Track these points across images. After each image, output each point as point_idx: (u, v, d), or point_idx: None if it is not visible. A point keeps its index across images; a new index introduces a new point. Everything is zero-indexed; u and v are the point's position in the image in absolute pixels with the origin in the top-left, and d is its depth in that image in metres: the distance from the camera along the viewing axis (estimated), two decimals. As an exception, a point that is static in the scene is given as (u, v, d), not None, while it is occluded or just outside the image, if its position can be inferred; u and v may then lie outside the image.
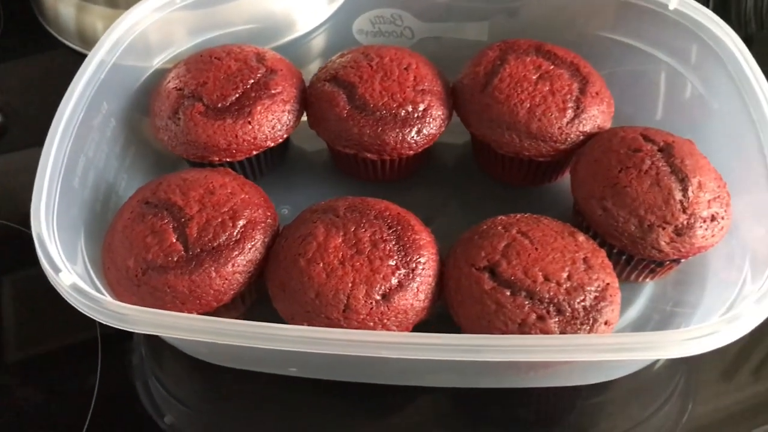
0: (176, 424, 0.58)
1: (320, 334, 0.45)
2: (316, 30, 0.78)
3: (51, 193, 0.53)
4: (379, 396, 0.58)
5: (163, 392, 0.59)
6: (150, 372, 0.60)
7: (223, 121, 0.61)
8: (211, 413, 0.59)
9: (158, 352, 0.61)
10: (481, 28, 0.70)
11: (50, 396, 0.58)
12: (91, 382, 0.58)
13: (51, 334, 0.62)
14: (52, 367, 0.60)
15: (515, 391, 0.57)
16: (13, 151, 0.79)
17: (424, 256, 0.53)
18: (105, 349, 0.60)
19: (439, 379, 0.57)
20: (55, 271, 0.48)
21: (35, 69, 0.87)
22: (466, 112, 0.63)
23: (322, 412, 0.58)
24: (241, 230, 0.54)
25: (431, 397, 0.58)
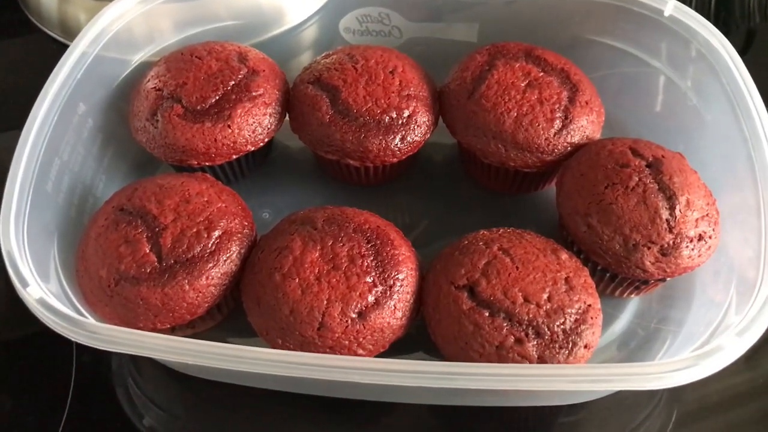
0: (155, 426, 0.57)
1: (289, 358, 0.44)
2: (302, 25, 0.76)
3: (22, 201, 0.52)
4: (356, 408, 0.57)
5: (141, 395, 0.59)
6: (128, 375, 0.60)
7: (201, 125, 0.59)
8: (188, 418, 0.59)
9: (136, 356, 0.61)
10: (471, 29, 0.68)
11: (21, 400, 0.58)
12: (65, 383, 0.57)
13: (21, 333, 0.61)
14: (24, 370, 0.59)
15: (495, 408, 0.57)
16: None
17: (402, 272, 0.52)
18: (79, 352, 0.59)
19: (416, 396, 0.56)
20: (22, 285, 0.47)
21: (15, 55, 0.85)
22: (452, 118, 0.62)
23: (299, 422, 0.58)
24: (216, 241, 0.53)
25: (409, 411, 0.58)
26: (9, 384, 0.59)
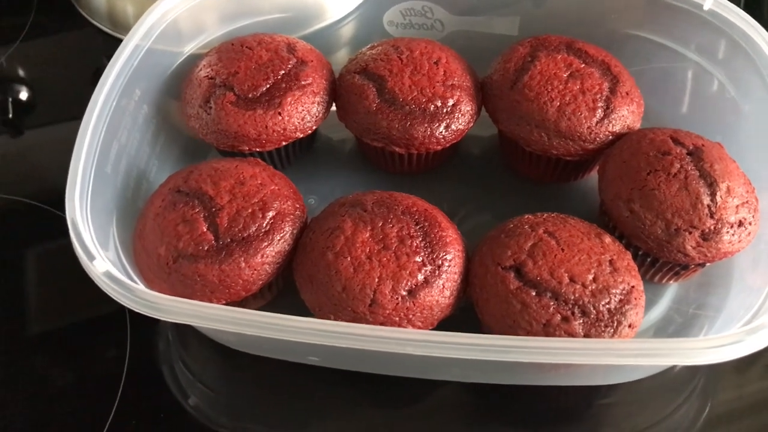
0: (200, 405, 0.59)
1: (347, 329, 0.46)
2: (344, 19, 0.78)
3: (85, 179, 0.54)
4: (396, 386, 0.59)
5: (188, 375, 0.61)
6: (176, 355, 0.62)
7: (253, 112, 0.61)
8: (234, 396, 0.60)
9: (184, 335, 0.63)
10: (512, 22, 0.70)
11: (80, 375, 0.60)
12: (120, 362, 0.60)
13: (79, 312, 0.64)
14: (82, 346, 0.61)
15: (534, 386, 0.58)
16: (40, 127, 0.80)
17: (450, 253, 0.54)
18: (134, 328, 0.61)
19: (459, 374, 0.58)
20: (89, 259, 0.49)
21: (65, 47, 0.88)
22: (495, 108, 0.63)
23: (341, 400, 0.59)
24: (270, 221, 0.55)
25: (448, 390, 0.59)
26: (68, 359, 0.61)
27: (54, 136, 0.79)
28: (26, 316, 0.63)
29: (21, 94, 0.83)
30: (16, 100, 0.82)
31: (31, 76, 0.84)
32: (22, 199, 0.71)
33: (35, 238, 0.69)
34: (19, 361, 0.61)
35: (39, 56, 0.86)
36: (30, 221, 0.70)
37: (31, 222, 0.70)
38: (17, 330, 0.62)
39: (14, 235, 0.69)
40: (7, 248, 0.68)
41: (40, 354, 0.61)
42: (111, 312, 0.62)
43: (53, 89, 0.83)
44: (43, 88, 0.83)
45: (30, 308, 0.64)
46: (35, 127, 0.80)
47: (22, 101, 0.82)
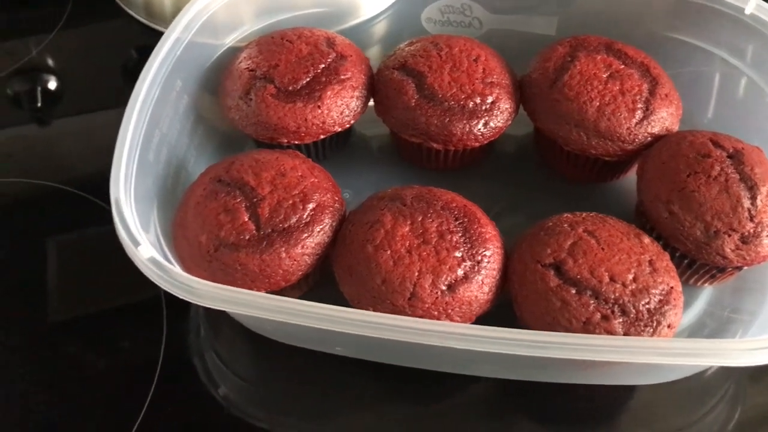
0: (230, 395, 0.60)
1: (391, 321, 0.46)
2: (378, 17, 0.79)
3: (129, 166, 0.54)
4: (428, 381, 0.59)
5: (220, 364, 0.61)
6: (208, 344, 0.62)
7: (293, 104, 0.62)
8: (264, 387, 0.61)
9: (217, 324, 0.63)
10: (550, 22, 0.70)
11: (114, 362, 0.60)
12: (156, 349, 0.60)
13: (113, 299, 0.64)
14: (116, 333, 0.62)
15: (567, 385, 0.58)
16: (67, 117, 0.80)
17: (489, 250, 0.54)
18: (169, 316, 0.62)
19: (492, 370, 0.58)
20: (134, 244, 0.50)
21: (97, 37, 0.89)
22: (534, 106, 0.64)
23: (373, 393, 0.60)
24: (310, 213, 0.56)
25: (480, 386, 0.59)
26: (103, 346, 0.61)
27: (80, 126, 0.80)
28: (58, 302, 0.64)
29: (50, 84, 0.84)
30: (45, 90, 0.83)
31: (62, 66, 0.85)
32: (52, 184, 0.71)
33: (69, 223, 0.69)
34: (53, 347, 0.61)
35: (72, 46, 0.87)
36: (60, 206, 0.71)
37: (62, 207, 0.71)
38: (50, 315, 0.63)
39: (48, 220, 0.70)
40: (43, 233, 0.69)
41: (74, 340, 0.62)
42: (145, 299, 0.63)
43: (82, 79, 0.84)
44: (72, 78, 0.84)
45: (63, 294, 0.64)
46: (61, 117, 0.80)
47: (50, 91, 0.83)
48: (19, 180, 0.73)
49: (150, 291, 0.63)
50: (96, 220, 0.69)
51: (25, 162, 0.75)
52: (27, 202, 0.72)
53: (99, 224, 0.68)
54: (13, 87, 0.82)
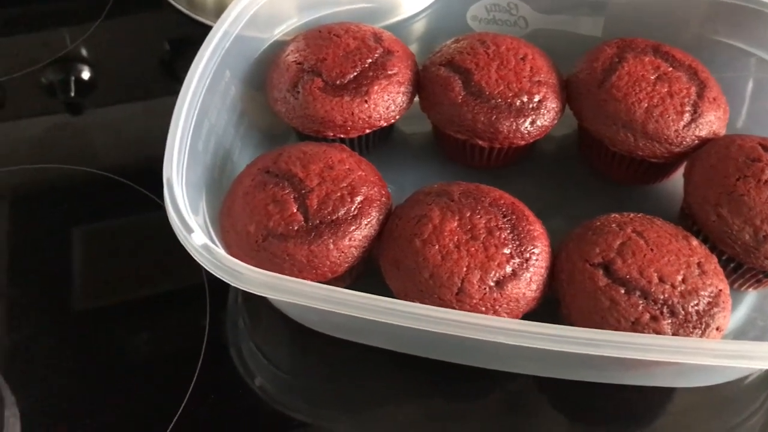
0: (268, 386, 0.60)
1: (446, 315, 0.46)
2: (421, 13, 0.79)
3: (181, 155, 0.55)
4: (468, 376, 0.59)
5: (259, 355, 0.62)
6: (249, 333, 0.63)
7: (341, 98, 0.62)
8: (302, 378, 0.61)
9: (256, 315, 0.64)
10: (596, 23, 0.70)
11: (159, 348, 0.61)
12: (200, 336, 0.61)
13: (157, 285, 0.65)
14: (161, 320, 0.63)
15: (607, 385, 0.58)
16: (100, 107, 0.81)
17: (537, 247, 0.54)
18: (213, 305, 0.62)
19: (534, 367, 0.58)
20: (187, 231, 0.50)
21: (134, 26, 0.89)
22: (581, 106, 0.64)
23: (411, 388, 0.60)
24: (358, 206, 0.56)
25: (516, 383, 0.60)
26: (147, 332, 0.62)
27: (113, 116, 0.80)
28: (97, 288, 0.65)
29: (83, 74, 0.85)
30: (79, 80, 0.84)
31: (98, 56, 0.85)
32: (97, 171, 0.72)
33: (108, 209, 0.70)
34: (97, 332, 0.62)
35: (106, 35, 0.87)
36: (100, 193, 0.72)
37: (103, 194, 0.72)
38: (90, 302, 0.64)
39: (86, 206, 0.71)
40: (82, 219, 0.70)
41: (119, 326, 0.62)
42: (189, 287, 0.64)
43: (116, 69, 0.84)
44: (105, 68, 0.84)
45: (102, 281, 0.65)
46: (95, 108, 0.81)
47: (90, 80, 0.84)
48: (61, 166, 0.74)
49: (192, 279, 0.64)
50: (134, 206, 0.70)
51: (62, 148, 0.76)
52: (67, 188, 0.73)
53: (138, 210, 0.70)
54: (50, 77, 0.83)
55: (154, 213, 0.68)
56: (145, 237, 0.68)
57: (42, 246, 0.67)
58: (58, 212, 0.70)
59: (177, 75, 0.85)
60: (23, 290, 0.64)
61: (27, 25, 0.89)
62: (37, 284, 0.65)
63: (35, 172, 0.73)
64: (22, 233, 0.68)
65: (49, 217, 0.70)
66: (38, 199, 0.72)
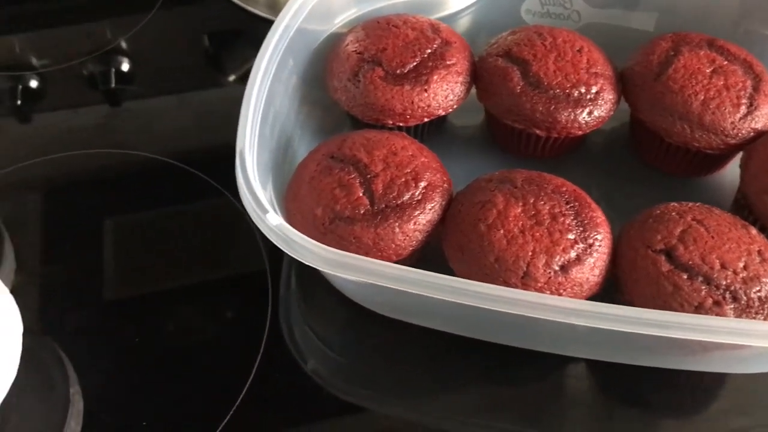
0: (324, 370, 0.61)
1: (524, 296, 0.48)
2: (471, 6, 0.80)
3: (252, 139, 0.57)
4: (525, 360, 0.60)
5: (316, 339, 0.63)
6: (306, 318, 0.64)
7: (401, 87, 0.63)
8: (360, 363, 0.62)
9: (313, 298, 0.65)
10: (649, 18, 0.71)
11: (222, 329, 0.63)
12: (262, 318, 0.62)
13: (219, 268, 0.67)
14: (223, 303, 0.64)
15: (663, 371, 0.59)
16: (137, 99, 0.82)
17: (600, 233, 0.55)
18: (274, 286, 0.64)
19: (592, 351, 0.59)
20: (263, 212, 0.52)
21: (183, 18, 0.91)
22: (637, 98, 0.65)
23: (469, 372, 0.61)
24: (422, 191, 0.57)
25: (573, 368, 0.61)
26: (210, 314, 0.64)
27: (150, 106, 0.82)
28: (160, 271, 0.66)
29: (123, 66, 0.86)
30: (118, 71, 0.86)
31: (133, 48, 0.87)
32: (158, 157, 0.74)
33: (172, 195, 0.72)
34: (161, 313, 0.64)
35: (150, 27, 0.89)
36: (163, 179, 0.73)
37: (164, 179, 0.73)
38: (161, 282, 0.65)
39: (146, 191, 0.73)
40: (140, 204, 0.71)
41: (183, 307, 0.64)
42: (252, 271, 0.65)
43: (155, 62, 0.86)
44: (144, 60, 0.86)
45: (169, 263, 0.67)
46: (133, 99, 0.82)
47: (130, 72, 0.85)
48: (116, 151, 0.75)
49: (251, 263, 0.66)
50: (192, 190, 0.71)
51: (120, 134, 0.78)
52: (126, 174, 0.75)
53: (198, 196, 0.71)
54: (94, 68, 0.84)
55: (214, 199, 0.70)
56: (204, 221, 0.70)
57: (108, 229, 0.69)
58: (117, 197, 0.72)
59: (224, 66, 0.87)
60: (86, 273, 0.66)
61: (76, 16, 0.91)
62: (99, 267, 0.66)
63: (85, 157, 0.75)
64: (80, 218, 0.70)
65: (110, 202, 0.72)
66: (94, 184, 0.74)
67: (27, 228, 0.69)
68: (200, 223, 0.70)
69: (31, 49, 0.87)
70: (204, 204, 0.71)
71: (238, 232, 0.68)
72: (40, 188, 0.73)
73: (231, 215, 0.68)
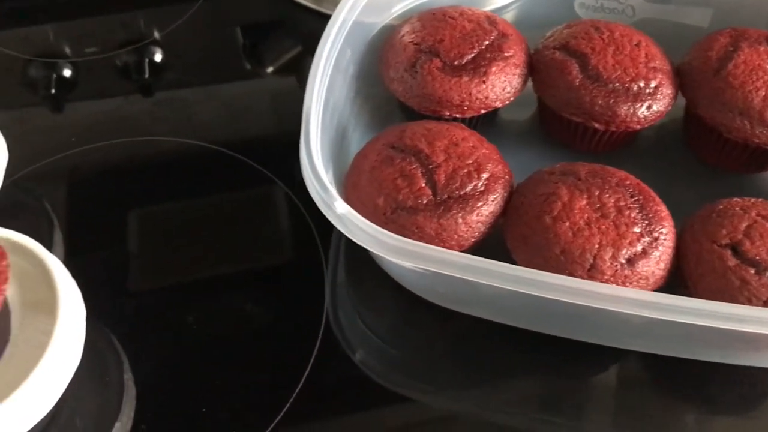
0: (374, 361, 0.61)
1: (600, 289, 0.48)
2: (515, 2, 0.80)
3: (315, 128, 0.56)
4: (581, 352, 0.60)
5: (367, 329, 0.63)
6: (353, 306, 0.64)
7: (459, 78, 0.63)
8: (413, 354, 0.62)
9: (361, 285, 0.65)
10: (704, 14, 0.71)
11: (281, 316, 0.63)
12: (320, 305, 0.62)
13: (274, 255, 0.67)
14: (282, 288, 0.64)
15: (724, 367, 0.59)
16: (180, 88, 0.82)
17: (666, 228, 0.55)
18: (331, 274, 0.64)
19: (650, 345, 0.59)
20: (331, 200, 0.52)
21: (221, 9, 0.90)
22: (696, 94, 0.64)
23: (524, 365, 0.61)
24: (485, 182, 0.57)
25: (628, 364, 0.61)
26: (269, 300, 0.64)
27: (188, 96, 0.82)
28: (220, 256, 0.66)
29: (156, 56, 0.86)
30: (152, 62, 0.86)
31: (166, 39, 0.86)
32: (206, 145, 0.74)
33: (223, 183, 0.72)
34: (215, 299, 0.64)
35: (205, 19, 0.89)
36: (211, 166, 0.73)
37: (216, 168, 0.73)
38: (213, 269, 0.65)
39: (197, 178, 0.73)
40: (197, 191, 0.71)
41: (242, 293, 0.64)
42: (307, 259, 0.65)
43: (200, 53, 0.86)
44: (175, 52, 0.86)
45: (222, 249, 0.67)
46: (174, 88, 0.82)
47: (164, 63, 0.85)
48: (170, 139, 0.75)
49: (305, 250, 0.66)
50: (241, 178, 0.71)
51: (163, 123, 0.78)
52: (174, 161, 0.75)
53: (250, 185, 0.71)
54: (129, 58, 0.84)
55: (264, 186, 0.70)
56: (254, 208, 0.70)
57: (157, 215, 0.69)
58: (167, 184, 0.72)
59: (263, 57, 0.87)
60: (139, 259, 0.66)
61: (118, 5, 0.91)
62: (153, 253, 0.67)
63: (131, 145, 0.75)
64: (129, 205, 0.70)
65: (161, 188, 0.72)
66: (145, 171, 0.74)
67: (77, 214, 0.69)
68: (251, 209, 0.69)
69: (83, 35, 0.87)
70: (254, 191, 0.71)
71: (290, 219, 0.68)
72: (90, 175, 0.73)
73: (281, 201, 0.69)
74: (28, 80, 0.82)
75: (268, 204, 0.69)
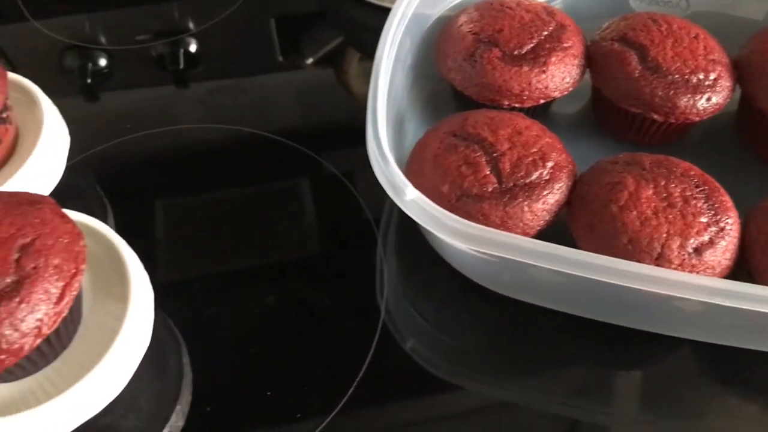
0: (418, 348, 0.61)
1: (678, 277, 0.48)
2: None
3: (381, 117, 0.57)
4: (634, 341, 0.60)
5: (420, 318, 0.63)
6: (406, 293, 0.64)
7: (519, 68, 0.64)
8: (457, 342, 0.62)
9: (416, 273, 0.65)
10: (759, 7, 0.71)
11: (339, 302, 0.63)
12: (377, 291, 0.63)
13: (332, 244, 0.67)
14: (340, 276, 0.65)
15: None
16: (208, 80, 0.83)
17: (731, 218, 0.55)
18: (388, 261, 0.65)
19: (707, 334, 0.59)
20: (403, 186, 0.52)
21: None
22: (755, 86, 0.65)
23: (576, 354, 0.61)
24: (550, 171, 0.57)
25: (678, 353, 0.61)
26: (327, 288, 0.64)
27: (232, 86, 0.82)
28: (281, 243, 0.67)
29: (191, 47, 0.86)
30: (186, 52, 0.86)
31: (201, 32, 0.87)
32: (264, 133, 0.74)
33: (280, 171, 0.72)
34: (279, 286, 0.64)
35: (249, 9, 0.89)
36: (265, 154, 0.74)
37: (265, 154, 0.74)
38: (271, 256, 0.66)
39: (246, 164, 0.74)
40: (247, 178, 0.72)
41: (298, 281, 0.64)
42: (364, 245, 0.66)
43: (241, 44, 0.87)
44: (208, 44, 0.86)
45: (280, 236, 0.67)
46: (200, 80, 0.83)
47: (191, 53, 0.86)
48: (220, 126, 0.76)
49: (366, 238, 0.66)
50: (294, 166, 0.72)
51: (219, 110, 0.78)
52: (232, 149, 0.75)
53: (300, 171, 0.72)
54: (163, 49, 0.85)
55: (319, 174, 0.71)
56: (308, 195, 0.70)
57: (214, 202, 0.70)
58: (221, 171, 0.73)
59: (303, 49, 0.87)
60: (197, 245, 0.67)
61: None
62: (211, 239, 0.67)
63: (188, 132, 0.76)
64: (184, 191, 0.71)
65: (212, 175, 0.72)
66: (203, 157, 0.74)
67: (131, 201, 0.70)
68: (305, 196, 0.70)
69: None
70: (309, 179, 0.71)
71: (345, 207, 0.68)
72: (144, 161, 0.74)
73: (334, 189, 0.69)
74: (73, 67, 0.83)
75: (321, 190, 0.70)
